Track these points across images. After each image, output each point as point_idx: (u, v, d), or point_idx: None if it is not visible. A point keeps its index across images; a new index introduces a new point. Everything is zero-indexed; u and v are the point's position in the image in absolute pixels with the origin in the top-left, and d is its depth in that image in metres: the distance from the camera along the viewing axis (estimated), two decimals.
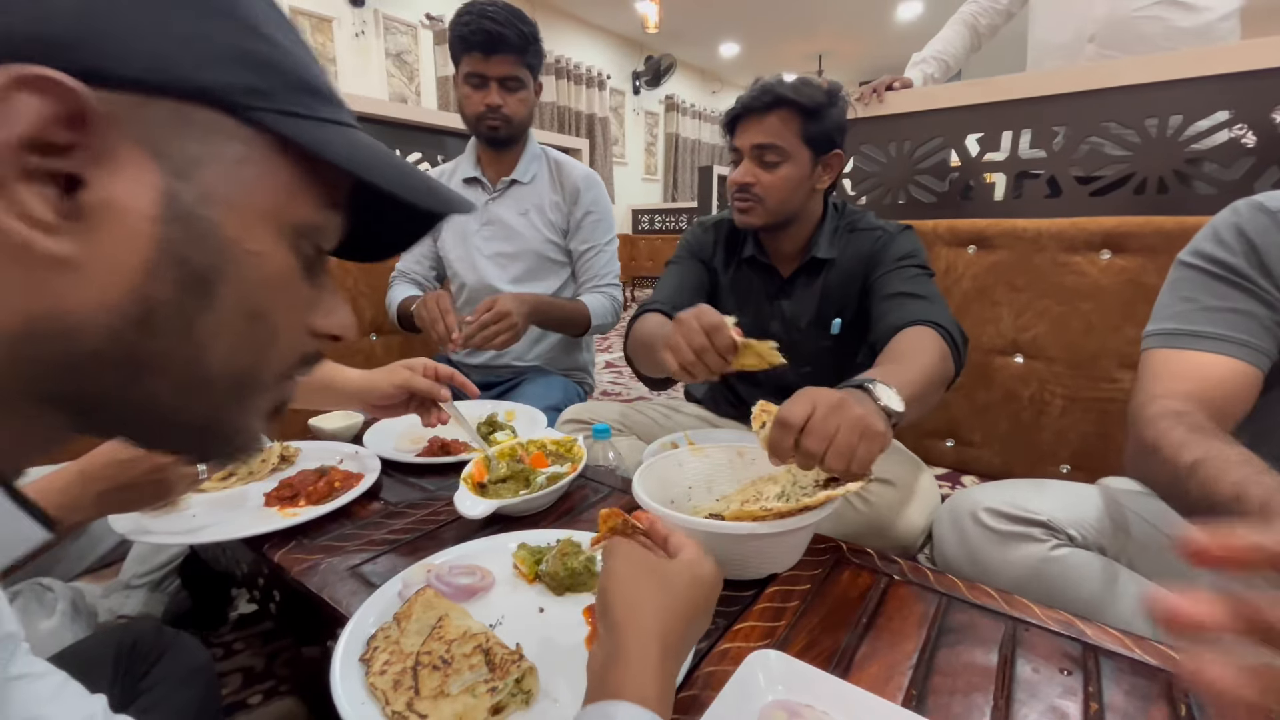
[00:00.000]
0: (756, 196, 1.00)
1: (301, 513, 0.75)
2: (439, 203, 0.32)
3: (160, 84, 0.23)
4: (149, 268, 0.24)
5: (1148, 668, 0.49)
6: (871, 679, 0.48)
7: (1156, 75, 1.23)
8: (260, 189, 0.26)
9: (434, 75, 4.78)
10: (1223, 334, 0.66)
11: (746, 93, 1.00)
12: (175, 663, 0.56)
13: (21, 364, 0.23)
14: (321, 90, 0.29)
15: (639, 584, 0.41)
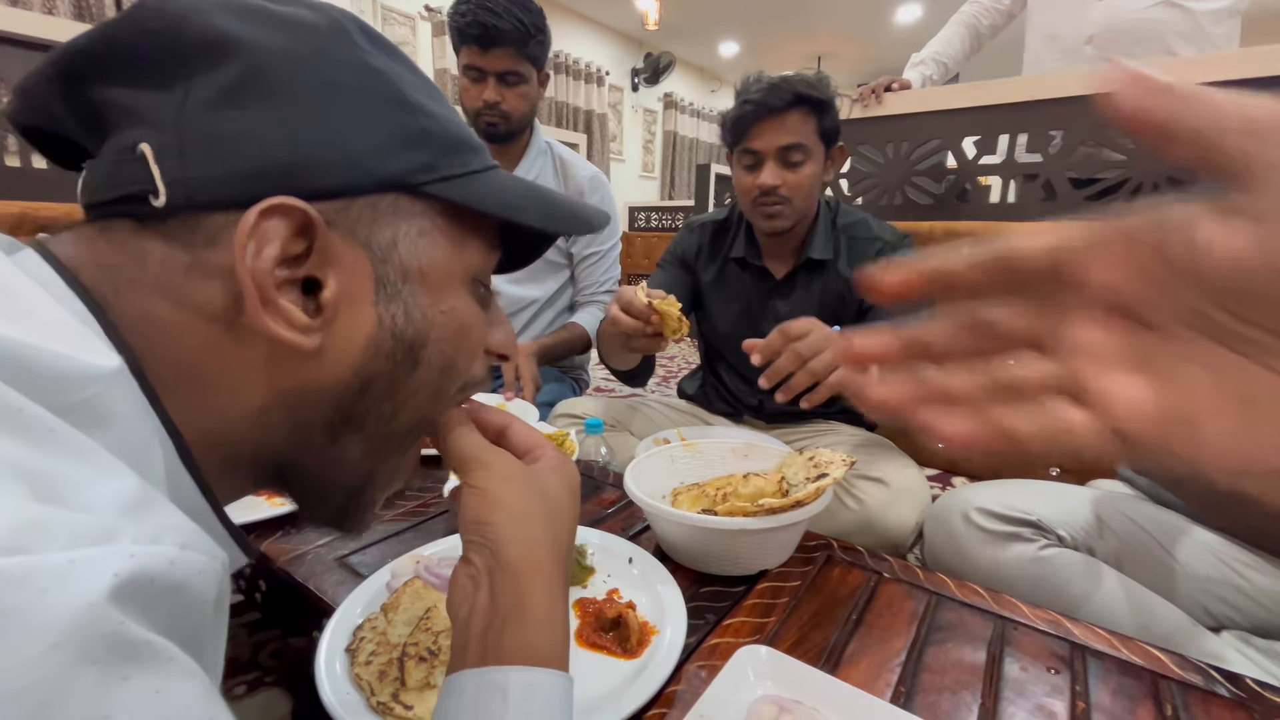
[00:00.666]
0: (784, 198, 0.98)
1: (289, 502, 0.74)
2: (584, 226, 0.35)
3: (356, 185, 0.27)
4: (371, 345, 0.28)
5: (1134, 668, 0.49)
6: (860, 675, 0.48)
7: None
8: (441, 253, 0.30)
9: (432, 67, 4.75)
10: None
11: (752, 91, 0.96)
12: None
13: (261, 431, 0.28)
14: (467, 142, 0.31)
15: (531, 513, 0.33)
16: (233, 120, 0.25)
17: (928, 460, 1.54)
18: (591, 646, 0.50)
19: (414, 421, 0.32)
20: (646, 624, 0.52)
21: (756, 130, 0.97)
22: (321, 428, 0.29)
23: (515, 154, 1.36)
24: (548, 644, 0.31)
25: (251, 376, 0.26)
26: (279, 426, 0.28)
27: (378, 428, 0.30)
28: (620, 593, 0.57)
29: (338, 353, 0.27)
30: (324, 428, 0.29)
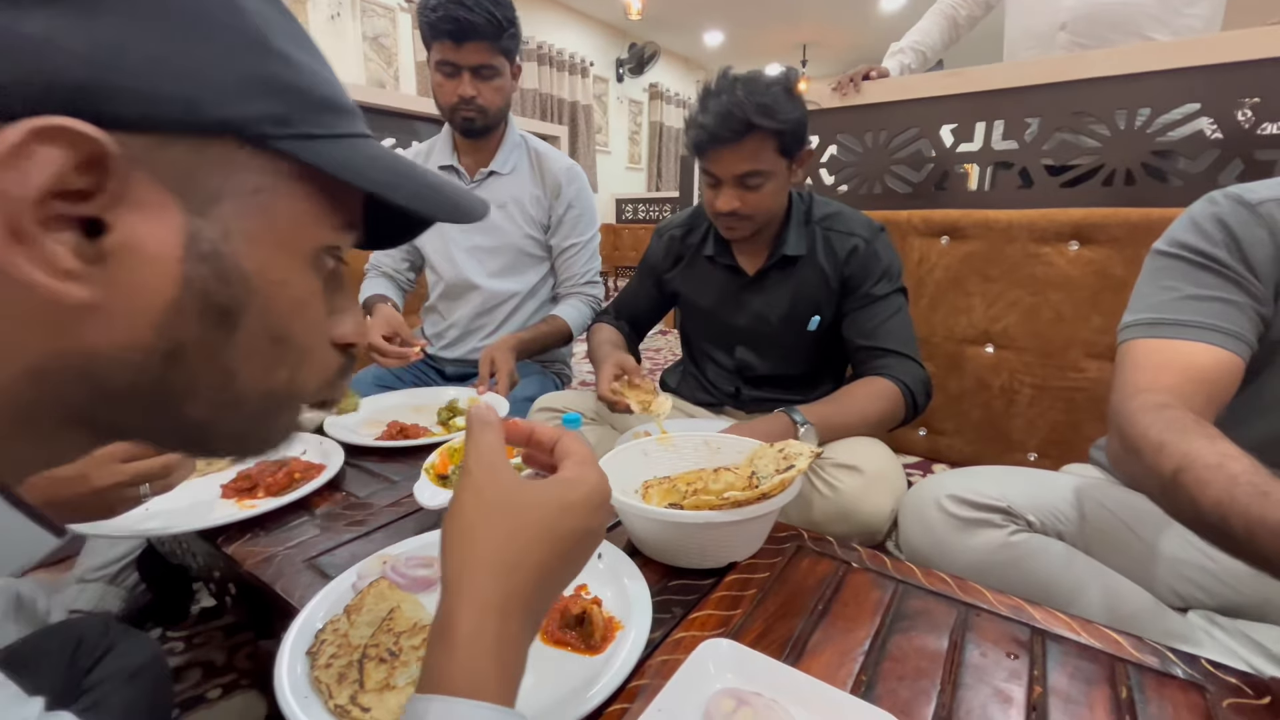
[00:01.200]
0: (745, 216, 0.99)
1: (259, 504, 0.74)
2: (457, 213, 0.32)
3: (178, 122, 0.23)
4: (175, 306, 0.24)
5: (1092, 651, 0.50)
6: (823, 666, 0.48)
7: (1126, 67, 1.24)
8: (281, 217, 0.27)
9: (413, 59, 4.69)
10: (1208, 322, 0.63)
11: (704, 117, 0.93)
12: (122, 658, 0.55)
13: (47, 396, 0.24)
14: (337, 104, 0.28)
15: (480, 525, 0.32)
16: (30, 19, 0.20)
17: (907, 448, 1.55)
18: (556, 643, 0.50)
19: (264, 390, 0.28)
20: (612, 619, 0.52)
21: (713, 156, 0.95)
22: (142, 396, 0.25)
23: (490, 148, 1.35)
24: (471, 672, 0.28)
25: (12, 331, 0.22)
26: (73, 389, 0.24)
27: (216, 396, 0.27)
28: (588, 589, 0.57)
29: (130, 310, 0.23)
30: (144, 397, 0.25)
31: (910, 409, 0.98)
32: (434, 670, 0.28)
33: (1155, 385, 0.62)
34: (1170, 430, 0.55)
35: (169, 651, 0.88)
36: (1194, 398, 0.60)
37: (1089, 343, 1.27)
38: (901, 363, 0.99)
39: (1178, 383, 0.62)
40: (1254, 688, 0.45)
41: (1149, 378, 0.64)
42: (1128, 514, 0.79)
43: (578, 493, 0.34)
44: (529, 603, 0.31)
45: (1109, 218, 1.22)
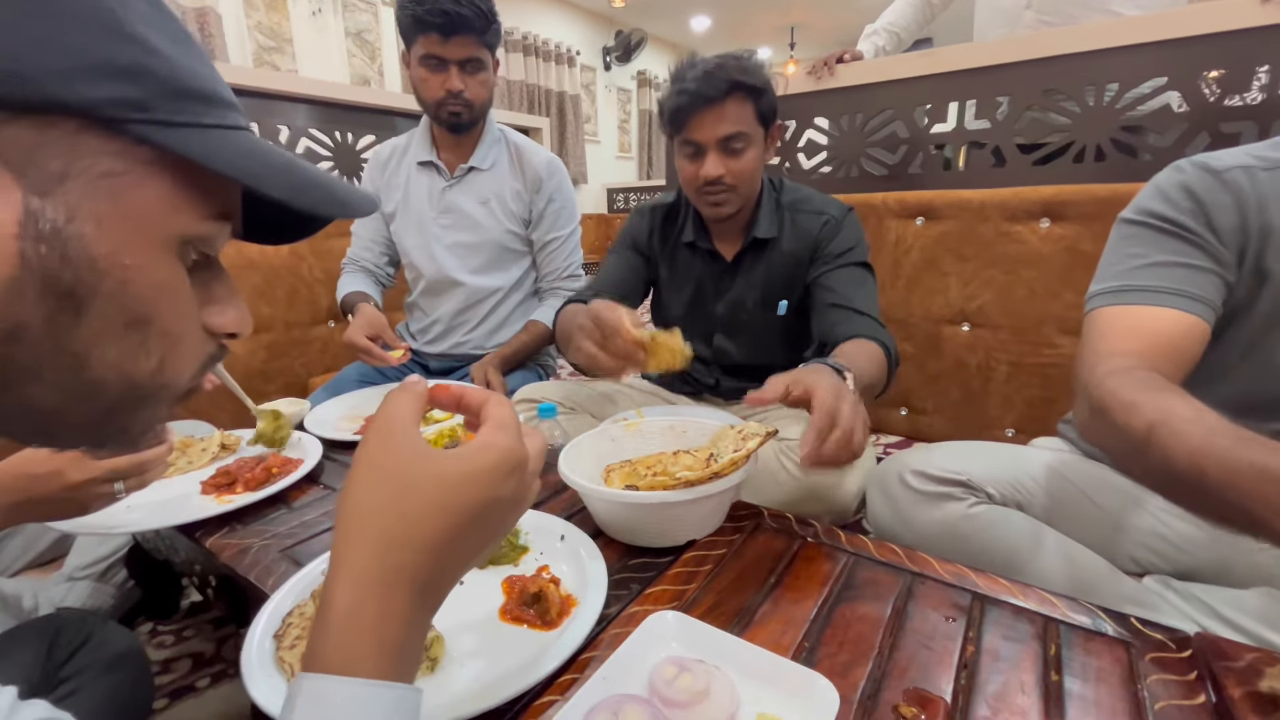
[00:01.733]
0: (729, 186, 0.98)
1: (237, 499, 0.76)
2: (339, 208, 0.32)
3: (18, 101, 0.23)
4: (12, 285, 0.24)
5: (1029, 613, 0.52)
6: (767, 635, 0.50)
7: (1094, 43, 1.25)
8: (136, 203, 0.26)
9: (397, 54, 4.66)
10: (1174, 287, 0.63)
11: (688, 80, 0.94)
12: (99, 649, 0.57)
13: None
14: (206, 94, 0.28)
15: (367, 497, 0.30)
16: None
17: (888, 427, 1.57)
18: (514, 620, 0.53)
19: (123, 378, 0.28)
20: (569, 597, 0.54)
21: (696, 121, 0.95)
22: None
23: (470, 143, 1.35)
24: (346, 650, 0.27)
25: None
26: None
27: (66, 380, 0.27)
28: (550, 569, 0.59)
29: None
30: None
31: (889, 373, 0.91)
32: (310, 649, 0.28)
33: (1122, 350, 0.62)
34: (1142, 389, 0.55)
35: (159, 645, 0.91)
36: (1160, 362, 0.60)
37: (1061, 319, 1.28)
38: (875, 326, 0.95)
39: (1144, 348, 0.62)
40: (1177, 642, 0.48)
41: (1115, 344, 0.63)
42: (1088, 484, 0.81)
43: (482, 460, 0.32)
44: (419, 577, 0.29)
45: (1079, 194, 1.23)
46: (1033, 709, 0.42)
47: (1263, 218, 0.62)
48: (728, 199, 1.00)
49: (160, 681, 0.85)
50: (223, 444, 0.91)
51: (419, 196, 1.36)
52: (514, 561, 0.61)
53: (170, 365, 0.29)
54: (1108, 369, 0.60)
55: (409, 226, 1.38)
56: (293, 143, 1.66)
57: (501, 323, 1.43)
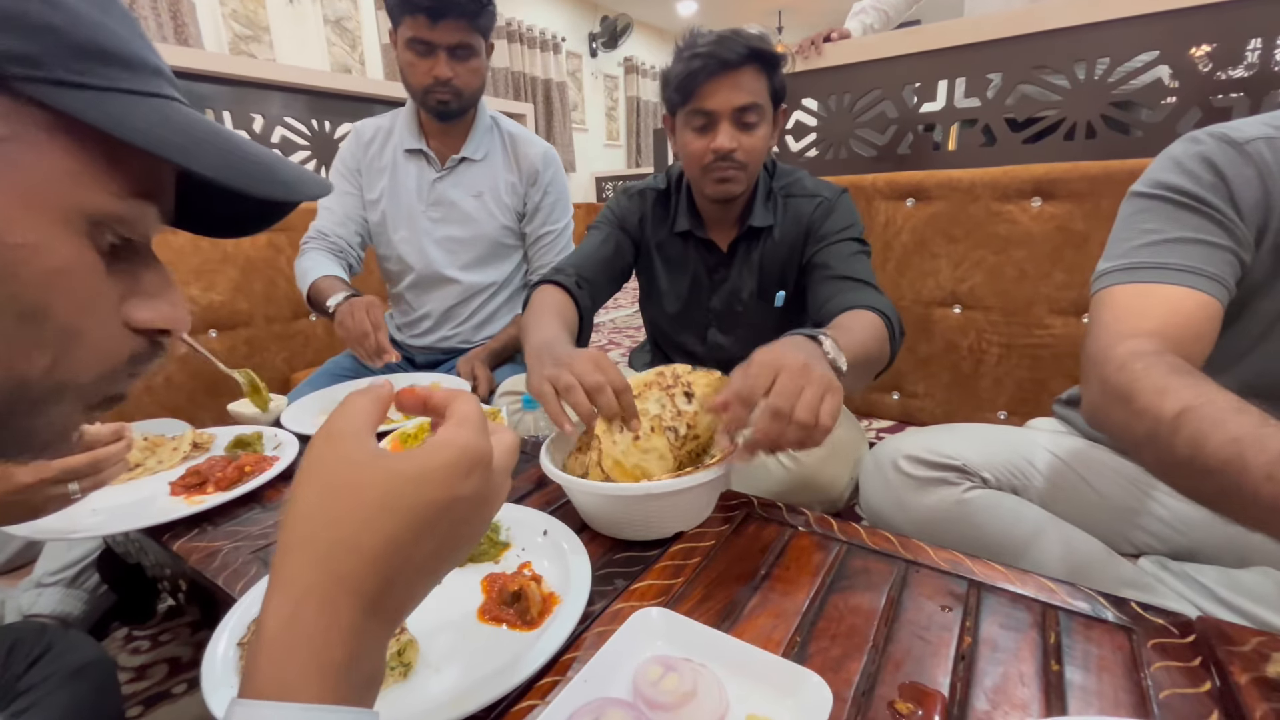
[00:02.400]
0: (740, 163, 0.91)
1: (207, 499, 0.73)
2: (281, 189, 0.28)
3: None
4: None
5: (1026, 600, 0.50)
6: (757, 630, 0.48)
7: (1084, 17, 1.22)
8: (27, 173, 0.23)
9: (378, 42, 4.57)
10: (1190, 265, 0.60)
11: (700, 45, 0.87)
12: (61, 659, 0.55)
13: None
14: (123, 56, 0.25)
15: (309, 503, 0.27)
16: None
17: (881, 411, 1.56)
18: (493, 620, 0.50)
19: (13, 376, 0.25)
20: (551, 595, 0.52)
21: (709, 88, 0.88)
22: None
23: (461, 132, 1.29)
24: (279, 670, 0.24)
25: None
26: None
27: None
28: (531, 566, 0.57)
29: None
30: None
31: (893, 342, 0.83)
32: (245, 672, 0.25)
33: (1139, 330, 0.58)
34: (1175, 374, 0.52)
35: (134, 650, 0.88)
36: (1179, 344, 0.57)
37: (1052, 299, 1.27)
38: (874, 295, 0.88)
39: (1161, 328, 0.58)
40: (1179, 627, 0.46)
41: (1131, 323, 0.60)
42: (1084, 467, 0.80)
43: (436, 458, 0.28)
44: (366, 586, 0.26)
45: (1070, 172, 1.21)
46: (1033, 701, 0.40)
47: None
48: (737, 176, 0.93)
49: (135, 689, 0.83)
50: (195, 443, 0.88)
51: (407, 187, 1.29)
52: (494, 559, 0.59)
53: (68, 363, 0.26)
54: (1129, 350, 0.56)
55: (397, 218, 1.31)
56: (268, 132, 1.61)
57: (490, 316, 1.39)
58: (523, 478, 0.79)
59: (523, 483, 0.77)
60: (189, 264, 1.43)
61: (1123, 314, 0.61)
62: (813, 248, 0.99)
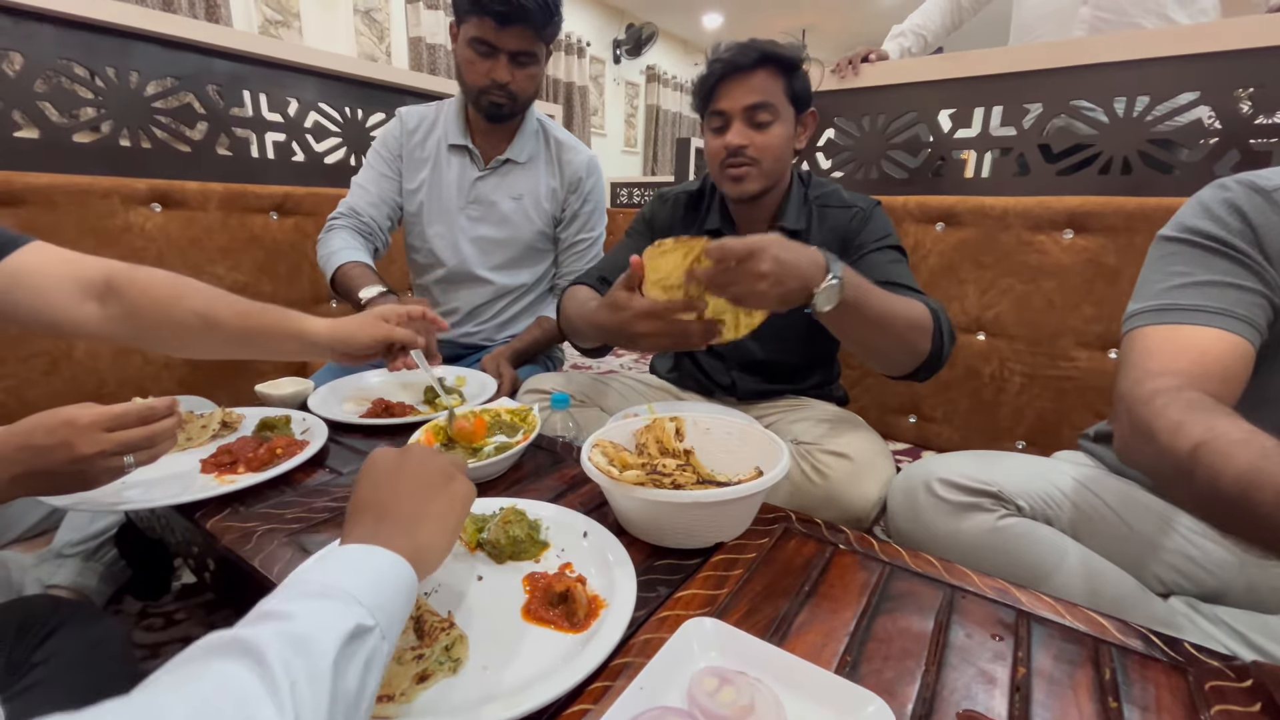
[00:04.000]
0: (751, 159, 0.96)
1: (239, 480, 0.72)
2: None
3: None
4: None
5: (1077, 633, 0.50)
6: (807, 646, 0.48)
7: (1128, 53, 1.23)
8: None
9: (405, 35, 4.59)
10: (1220, 307, 0.61)
11: (722, 53, 0.95)
12: (72, 637, 0.53)
13: None
14: None
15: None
16: None
17: (897, 434, 1.55)
18: (539, 621, 0.50)
19: None
20: (596, 598, 0.52)
21: (724, 90, 0.95)
22: None
23: (508, 133, 1.28)
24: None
25: None
26: None
27: None
28: (573, 567, 0.57)
29: None
30: None
31: (938, 337, 0.84)
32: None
33: (1169, 370, 0.59)
34: (1191, 410, 0.53)
35: (148, 628, 0.87)
36: (1209, 383, 0.57)
37: (1080, 331, 1.27)
38: (922, 296, 0.89)
39: (1191, 368, 0.59)
40: (1235, 671, 0.46)
41: (1161, 363, 0.61)
42: (1117, 501, 0.79)
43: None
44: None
45: (1104, 206, 1.21)
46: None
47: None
48: (749, 173, 0.97)
49: (149, 667, 0.81)
50: (224, 421, 0.87)
51: (448, 183, 1.29)
52: (535, 557, 0.58)
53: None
54: (1154, 387, 0.58)
55: (434, 213, 1.30)
56: (301, 117, 1.61)
57: (514, 316, 1.39)
58: (555, 477, 0.78)
59: (556, 482, 0.77)
60: (216, 242, 1.43)
61: (1153, 354, 0.62)
62: (851, 257, 1.00)
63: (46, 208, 1.18)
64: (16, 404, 1.18)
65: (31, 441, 0.49)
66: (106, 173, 1.28)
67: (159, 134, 1.37)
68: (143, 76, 1.33)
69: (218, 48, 1.43)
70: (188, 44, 1.38)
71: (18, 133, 1.21)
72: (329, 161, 1.68)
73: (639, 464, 0.64)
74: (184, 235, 1.38)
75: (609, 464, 0.62)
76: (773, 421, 1.10)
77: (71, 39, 1.23)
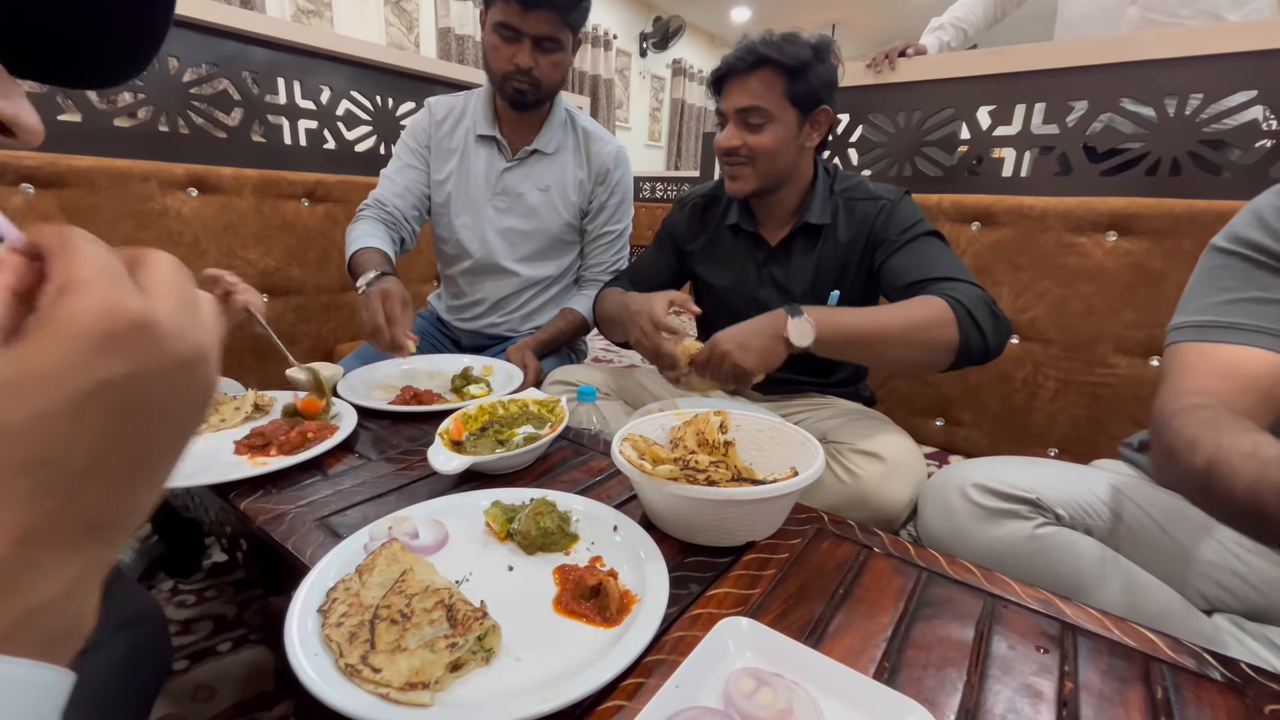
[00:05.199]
0: (744, 159, 0.98)
1: (271, 462, 0.73)
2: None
3: None
4: None
5: (1126, 649, 0.48)
6: (844, 650, 0.46)
7: (1180, 50, 1.18)
8: None
9: (434, 25, 4.62)
10: (1264, 326, 0.60)
11: (732, 52, 0.96)
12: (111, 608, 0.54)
13: None
14: None
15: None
16: None
17: (925, 438, 1.52)
18: (570, 614, 0.49)
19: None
20: (628, 593, 0.51)
21: (725, 91, 0.98)
22: None
23: (535, 122, 1.28)
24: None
25: None
26: None
27: None
28: (603, 560, 0.56)
29: None
30: None
31: (968, 324, 0.83)
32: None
33: (1199, 390, 0.59)
34: (1204, 427, 0.53)
35: (180, 604, 0.89)
36: (1243, 402, 0.57)
37: (1119, 338, 1.23)
38: (952, 285, 0.87)
39: (1222, 387, 0.58)
40: None
41: (1193, 383, 0.60)
42: (1161, 514, 0.76)
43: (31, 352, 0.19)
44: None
45: (1151, 208, 1.17)
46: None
47: None
48: (741, 172, 1.00)
49: (180, 642, 0.83)
50: (256, 404, 0.88)
51: (476, 173, 1.29)
52: (565, 550, 0.58)
53: None
54: (1178, 407, 0.58)
55: (462, 204, 1.30)
56: (334, 105, 1.63)
57: (540, 308, 1.38)
58: (582, 470, 0.78)
59: (583, 475, 0.76)
60: (250, 228, 1.45)
61: (1188, 373, 0.62)
62: (881, 254, 1.00)
63: (89, 190, 1.21)
64: None
65: None
66: (145, 157, 1.31)
67: (196, 120, 1.39)
68: (181, 63, 1.35)
69: (254, 35, 1.44)
70: (225, 31, 1.40)
71: (61, 116, 1.23)
72: (359, 149, 1.70)
73: (671, 458, 0.63)
74: (218, 220, 1.40)
75: (640, 458, 0.61)
76: (801, 419, 1.08)
77: None
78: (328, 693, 0.39)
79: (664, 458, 0.64)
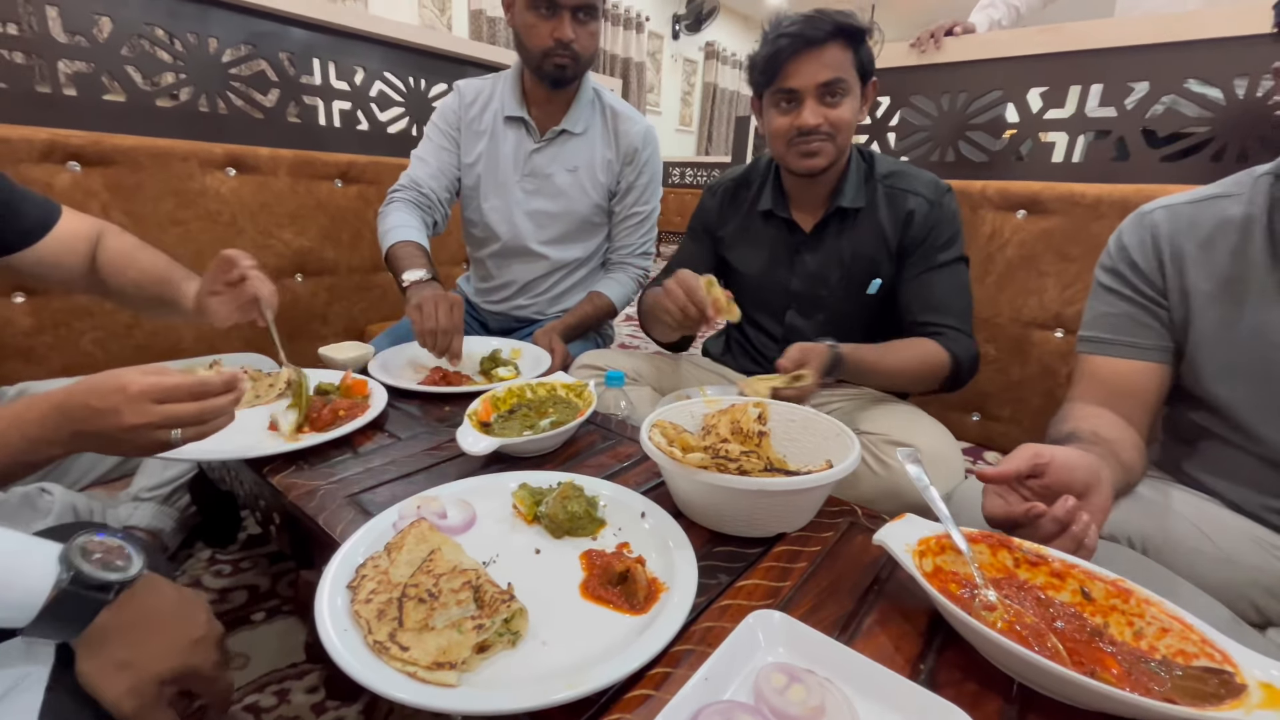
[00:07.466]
0: (826, 135, 0.93)
1: (304, 438, 0.74)
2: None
3: None
4: None
5: None
6: (877, 649, 0.45)
7: (1254, 26, 1.11)
8: None
9: (466, 7, 4.61)
10: (1123, 339, 0.73)
11: (785, 25, 0.91)
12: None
13: None
14: None
15: None
16: None
17: (959, 434, 1.48)
18: (597, 600, 0.49)
19: None
20: (656, 580, 0.50)
21: (793, 66, 0.91)
22: None
23: (564, 102, 1.26)
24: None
25: None
26: None
27: None
28: (630, 547, 0.55)
29: None
30: None
31: (951, 382, 0.96)
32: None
33: (1083, 396, 0.73)
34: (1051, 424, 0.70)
35: (217, 574, 0.91)
36: (1121, 406, 0.70)
37: None
38: (958, 337, 0.95)
39: (1098, 392, 0.72)
40: None
41: (1080, 388, 0.75)
42: (1203, 521, 0.72)
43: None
44: None
45: None
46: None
47: (1174, 245, 0.70)
48: (823, 148, 0.95)
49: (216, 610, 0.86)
50: (288, 380, 0.89)
51: (504, 155, 1.28)
52: (592, 534, 0.57)
53: None
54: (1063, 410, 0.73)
55: (490, 186, 1.29)
56: (367, 85, 1.63)
57: (567, 290, 1.38)
58: (609, 455, 0.77)
59: (610, 460, 0.76)
60: (286, 208, 1.47)
61: (1078, 381, 0.76)
62: (915, 266, 0.99)
63: (132, 168, 1.23)
64: (103, 355, 1.25)
65: (88, 401, 0.50)
66: (186, 137, 1.33)
67: (234, 100, 1.41)
68: (221, 43, 1.37)
69: (291, 15, 1.45)
70: (263, 11, 1.41)
71: (106, 96, 1.26)
72: (392, 131, 1.70)
73: (701, 446, 0.62)
74: (255, 199, 1.42)
75: (669, 445, 0.60)
76: (835, 410, 1.06)
77: (156, 4, 1.27)
78: (357, 669, 0.40)
79: (694, 445, 0.62)
